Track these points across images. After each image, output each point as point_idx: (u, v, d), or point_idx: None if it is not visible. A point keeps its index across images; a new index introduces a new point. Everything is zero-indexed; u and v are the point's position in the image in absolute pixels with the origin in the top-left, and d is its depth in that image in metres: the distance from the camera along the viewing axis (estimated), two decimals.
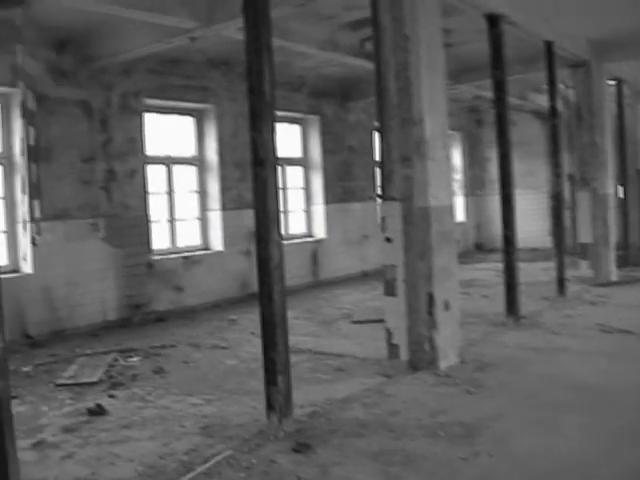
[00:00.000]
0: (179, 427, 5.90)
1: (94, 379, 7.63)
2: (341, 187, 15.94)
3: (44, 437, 5.84)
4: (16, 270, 10.11)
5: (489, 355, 7.72)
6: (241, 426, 5.80)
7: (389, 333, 7.46)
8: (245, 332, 9.88)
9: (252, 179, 5.60)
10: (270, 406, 5.55)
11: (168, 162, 12.59)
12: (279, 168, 14.06)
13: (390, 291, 7.39)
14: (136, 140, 11.53)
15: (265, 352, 5.59)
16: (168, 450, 5.34)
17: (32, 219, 9.56)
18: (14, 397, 7.04)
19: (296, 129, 15.48)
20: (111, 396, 6.99)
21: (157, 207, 12.29)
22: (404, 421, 5.67)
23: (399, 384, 6.79)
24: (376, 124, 7.66)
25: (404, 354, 7.34)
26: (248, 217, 5.67)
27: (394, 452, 4.98)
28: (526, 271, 13.09)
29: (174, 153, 12.78)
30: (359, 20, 10.38)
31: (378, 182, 7.91)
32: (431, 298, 7.13)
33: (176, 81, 12.11)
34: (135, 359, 8.63)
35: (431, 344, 7.16)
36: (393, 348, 7.44)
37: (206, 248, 13.14)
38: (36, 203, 9.35)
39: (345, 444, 5.21)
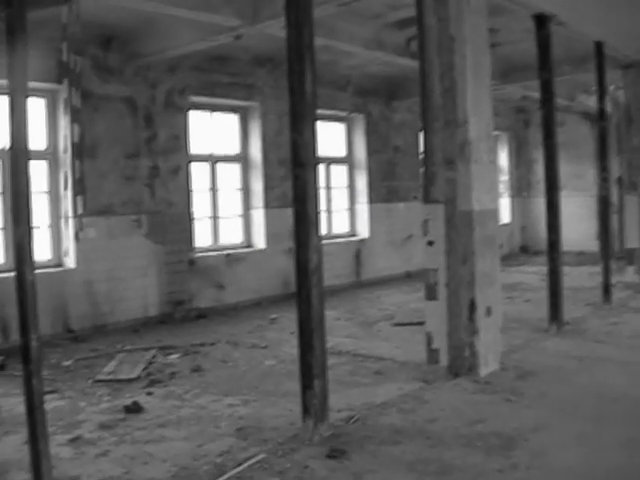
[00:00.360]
0: (214, 428, 5.89)
1: (133, 376, 7.66)
2: (385, 187, 15.84)
3: (81, 433, 5.86)
4: (59, 265, 10.21)
5: (530, 363, 7.58)
6: (276, 429, 5.76)
7: (429, 337, 7.36)
8: (285, 332, 9.84)
9: (292, 181, 5.55)
10: (306, 410, 5.50)
11: (212, 159, 12.61)
12: (323, 167, 14.20)
13: (431, 295, 7.29)
14: (180, 137, 11.56)
15: (302, 355, 5.54)
16: (202, 451, 5.32)
17: (75, 215, 9.64)
18: (54, 391, 7.10)
19: (341, 128, 15.40)
20: (149, 394, 7.01)
21: (200, 204, 12.31)
22: (441, 429, 5.59)
23: (438, 390, 6.70)
24: (421, 124, 7.56)
25: (444, 359, 7.24)
26: (291, 216, 5.65)
27: (430, 461, 4.90)
28: (571, 275, 12.91)
29: (218, 151, 12.79)
30: (405, 19, 10.27)
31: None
32: (472, 303, 7.02)
33: (221, 78, 12.11)
34: (174, 356, 8.65)
35: (471, 350, 7.04)
36: (433, 353, 7.34)
37: (249, 246, 13.14)
38: (79, 199, 9.41)
39: (380, 451, 5.15)
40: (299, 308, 5.53)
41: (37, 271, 4.30)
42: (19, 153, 4.04)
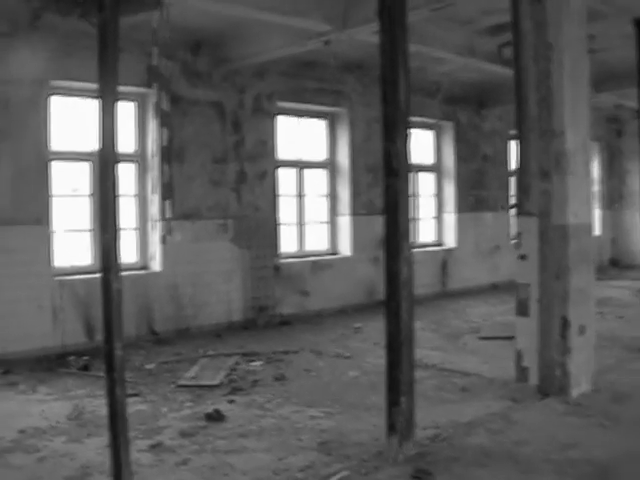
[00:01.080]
0: (296, 440, 5.78)
1: (215, 382, 7.62)
2: (474, 196, 15.55)
3: (162, 440, 5.82)
4: (145, 267, 10.31)
5: (625, 384, 7.23)
6: (359, 444, 5.62)
7: (519, 355, 7.13)
8: (369, 342, 9.71)
9: (383, 190, 5.41)
10: (391, 427, 5.33)
11: (299, 165, 12.56)
12: (411, 175, 14.02)
13: (522, 311, 7.06)
14: (268, 142, 11.56)
15: (389, 371, 5.38)
16: (283, 465, 5.21)
17: (163, 218, 9.68)
18: (136, 395, 7.11)
19: (429, 135, 15.19)
20: (230, 401, 6.95)
21: (286, 210, 12.28)
22: (531, 453, 5.35)
23: (527, 410, 6.45)
24: (512, 132, 7.34)
25: (533, 378, 6.99)
26: (378, 223, 5.54)
27: None
28: None
29: (305, 156, 12.74)
30: (498, 25, 10.04)
31: (512, 192, 7.58)
32: (565, 321, 6.74)
33: (309, 84, 12.07)
34: (257, 364, 8.59)
35: (563, 370, 6.76)
36: (522, 370, 7.10)
37: (334, 253, 13.04)
38: (167, 203, 9.45)
39: (467, 474, 4.94)
40: (388, 321, 5.38)
41: (123, 273, 4.26)
42: (107, 158, 4.01)
